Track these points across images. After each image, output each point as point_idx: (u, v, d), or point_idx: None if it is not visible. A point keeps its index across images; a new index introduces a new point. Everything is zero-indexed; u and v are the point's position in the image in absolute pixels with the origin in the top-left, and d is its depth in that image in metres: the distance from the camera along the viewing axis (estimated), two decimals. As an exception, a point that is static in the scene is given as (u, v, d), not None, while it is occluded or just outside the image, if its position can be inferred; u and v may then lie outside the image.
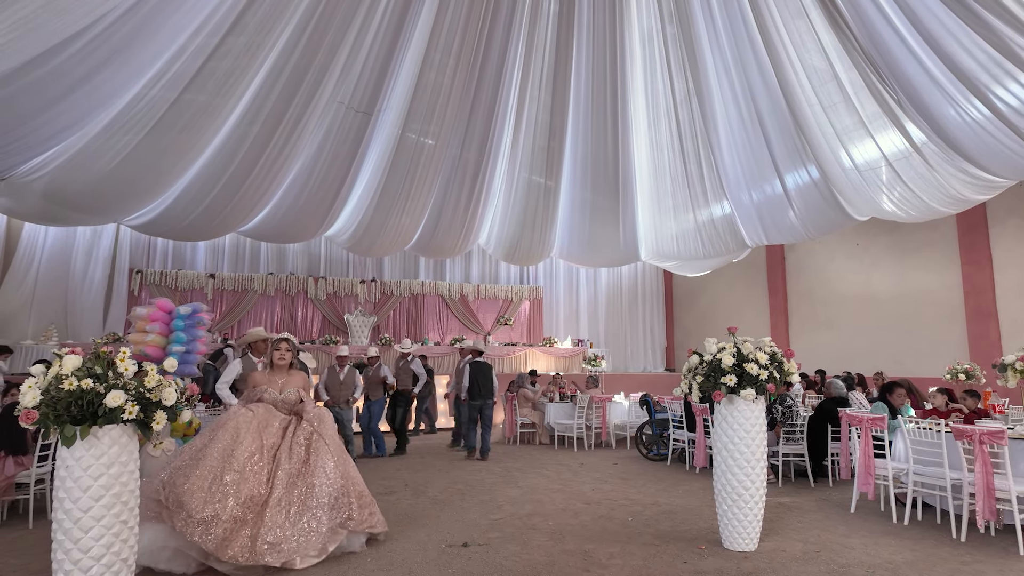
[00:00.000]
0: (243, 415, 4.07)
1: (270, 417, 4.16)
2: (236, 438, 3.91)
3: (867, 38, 5.43)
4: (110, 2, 5.38)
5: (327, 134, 8.21)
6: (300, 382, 4.58)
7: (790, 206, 8.47)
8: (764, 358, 4.19)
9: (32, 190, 7.91)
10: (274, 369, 4.56)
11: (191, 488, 3.61)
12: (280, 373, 4.55)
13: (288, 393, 4.44)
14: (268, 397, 4.36)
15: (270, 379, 4.50)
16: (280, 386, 4.46)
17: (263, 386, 4.43)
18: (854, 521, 5.11)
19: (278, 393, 4.41)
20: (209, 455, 3.80)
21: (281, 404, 4.37)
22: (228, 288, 14.19)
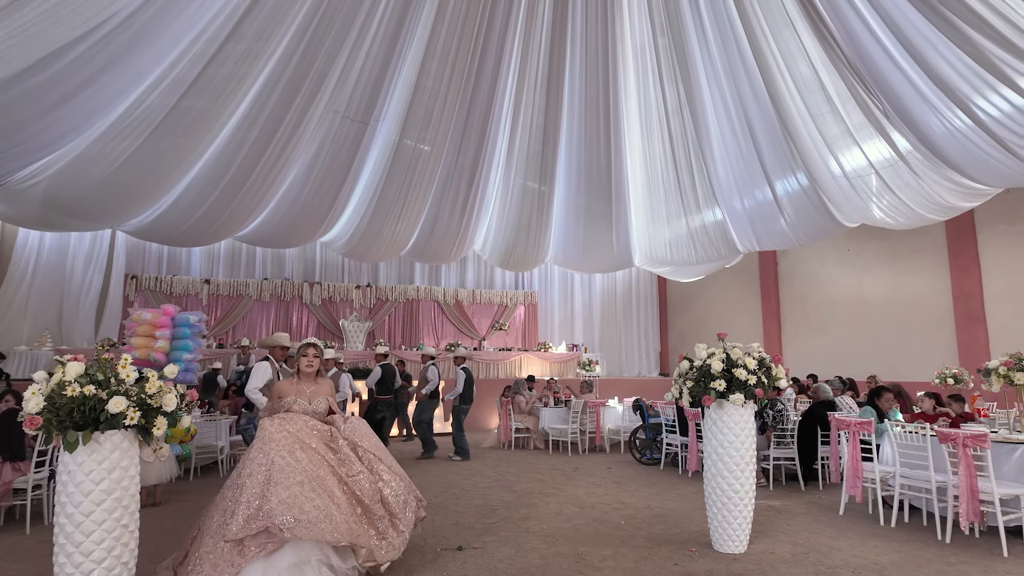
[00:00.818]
0: (277, 433, 3.70)
1: (306, 430, 3.82)
2: (292, 452, 3.62)
3: (852, 50, 5.56)
4: (107, 11, 5.44)
5: (324, 141, 8.28)
6: (328, 391, 4.22)
7: (781, 213, 8.59)
8: (752, 364, 4.28)
9: (29, 196, 7.95)
10: (301, 378, 4.18)
11: (292, 496, 3.33)
12: (308, 382, 4.16)
13: (318, 403, 4.07)
14: (298, 408, 4.00)
15: (298, 389, 4.11)
16: (308, 396, 4.09)
17: (291, 396, 4.06)
18: (842, 523, 5.20)
19: (308, 404, 4.04)
20: (280, 467, 3.48)
21: (312, 416, 4.02)
22: (223, 293, 14.22)
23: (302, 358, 4.19)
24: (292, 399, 4.03)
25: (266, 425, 3.74)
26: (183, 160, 7.55)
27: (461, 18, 7.18)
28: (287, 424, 3.77)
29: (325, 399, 4.13)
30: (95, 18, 5.49)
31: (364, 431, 4.08)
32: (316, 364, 4.20)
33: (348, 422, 4.08)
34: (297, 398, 4.04)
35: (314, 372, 4.20)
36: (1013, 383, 5.24)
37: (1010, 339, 10.47)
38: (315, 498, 3.39)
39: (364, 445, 3.95)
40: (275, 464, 3.46)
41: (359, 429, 4.06)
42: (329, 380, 4.33)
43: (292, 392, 4.08)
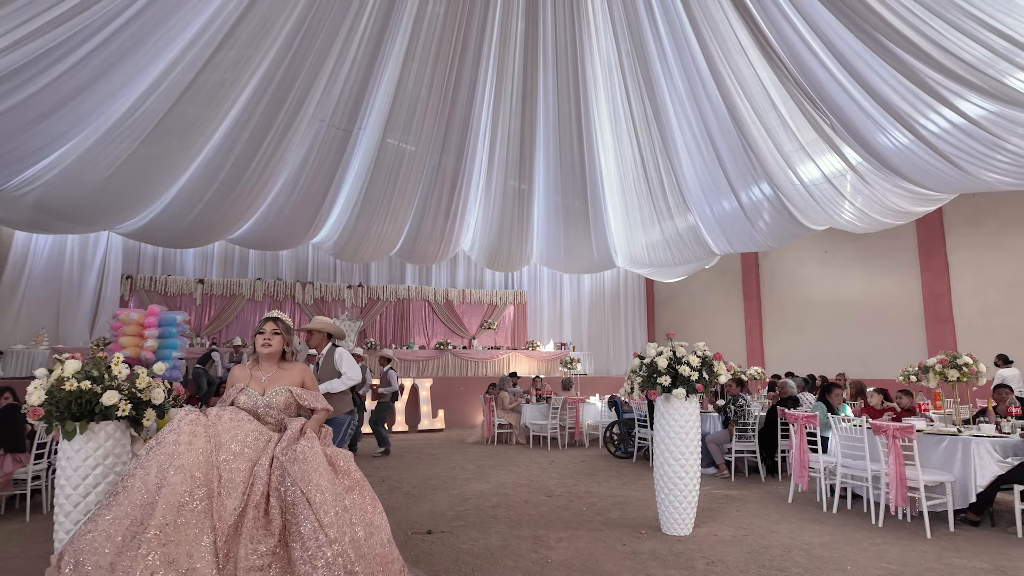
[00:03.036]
0: (186, 423, 2.69)
1: (235, 431, 2.73)
2: (169, 463, 2.52)
3: (801, 73, 5.93)
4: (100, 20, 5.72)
5: (311, 147, 8.64)
6: (295, 379, 3.20)
7: (748, 219, 8.99)
8: (696, 361, 4.65)
9: (23, 201, 8.25)
10: (259, 361, 3.22)
11: (93, 540, 2.31)
12: (267, 366, 3.20)
13: (273, 395, 3.07)
14: (244, 400, 3.03)
15: (252, 375, 3.16)
16: (264, 384, 3.11)
17: (240, 383, 3.12)
18: (788, 510, 5.58)
19: (260, 394, 3.06)
20: (130, 488, 2.47)
21: (264, 412, 3.02)
22: (217, 293, 14.53)
23: (257, 336, 3.24)
24: (239, 388, 3.10)
25: (174, 422, 2.74)
26: (176, 166, 7.89)
27: (438, 32, 7.53)
28: (199, 429, 2.70)
29: (287, 390, 3.09)
30: (88, 28, 5.82)
31: (311, 457, 2.72)
32: (276, 344, 3.21)
33: (303, 444, 2.80)
34: (247, 386, 3.09)
35: (275, 354, 3.21)
36: (947, 379, 5.63)
37: (976, 337, 10.90)
38: (166, 545, 2.28)
39: (298, 474, 2.63)
40: (130, 479, 2.50)
41: (305, 455, 2.72)
42: (303, 367, 3.30)
43: (243, 379, 3.16)
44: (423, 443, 10.74)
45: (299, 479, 2.61)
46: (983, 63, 5.00)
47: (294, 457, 2.72)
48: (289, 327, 3.35)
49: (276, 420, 3.06)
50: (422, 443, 10.75)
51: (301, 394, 3.17)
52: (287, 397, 3.12)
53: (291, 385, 3.17)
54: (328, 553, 2.43)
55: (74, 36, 5.51)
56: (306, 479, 2.62)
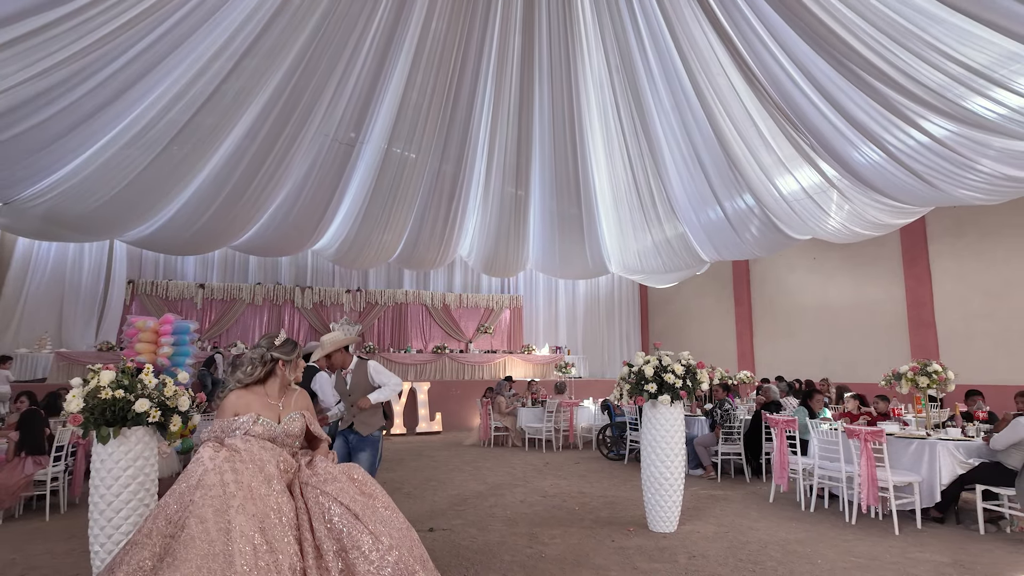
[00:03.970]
0: (223, 460, 2.48)
1: (274, 459, 2.64)
2: (225, 505, 2.32)
3: (778, 94, 6.27)
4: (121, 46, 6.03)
5: (316, 158, 8.94)
6: (303, 404, 3.04)
7: (733, 229, 9.35)
8: (680, 370, 4.98)
9: (33, 213, 8.52)
10: (268, 387, 2.96)
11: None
12: (275, 394, 2.96)
13: (290, 421, 2.88)
14: (261, 431, 2.76)
15: (264, 403, 2.89)
16: (279, 412, 2.90)
17: (254, 412, 2.81)
18: (768, 509, 5.92)
19: (277, 423, 2.84)
20: (190, 541, 2.19)
21: (283, 440, 2.83)
22: (217, 298, 14.80)
23: (285, 364, 3.00)
24: (252, 417, 2.78)
25: (205, 461, 2.47)
26: (182, 180, 8.18)
27: (440, 48, 7.86)
28: (239, 464, 2.49)
29: (301, 416, 2.94)
30: (108, 55, 6.12)
31: (344, 482, 2.68)
32: (301, 370, 3.13)
33: (323, 465, 2.77)
34: (262, 415, 2.80)
35: (291, 382, 3.06)
36: (919, 386, 5.98)
37: (957, 343, 11.29)
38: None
39: (338, 507, 2.54)
40: (185, 531, 2.23)
41: (336, 477, 2.68)
42: (304, 392, 3.12)
43: (256, 407, 2.85)
44: (421, 445, 11.04)
45: (339, 496, 2.57)
46: (943, 88, 5.36)
47: (323, 478, 2.67)
48: (301, 353, 3.17)
49: (292, 448, 2.90)
50: (420, 445, 11.04)
51: (311, 419, 3.02)
52: (302, 423, 2.95)
53: (302, 410, 3.00)
54: (391, 559, 2.42)
55: (93, 64, 5.80)
56: (345, 494, 2.59)
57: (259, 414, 2.83)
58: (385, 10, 7.00)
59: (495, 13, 7.24)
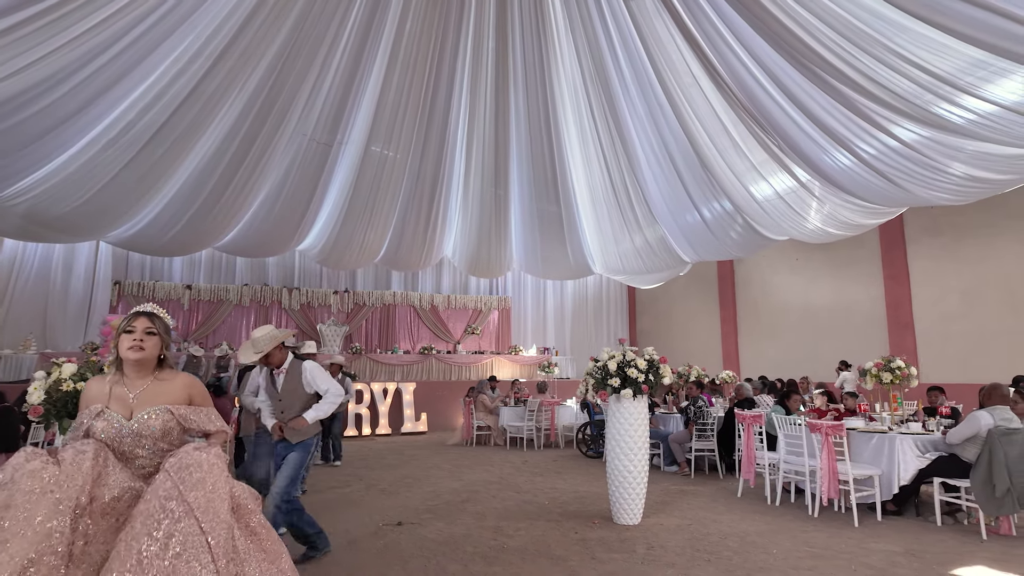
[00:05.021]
0: (24, 474, 1.86)
1: (98, 484, 1.98)
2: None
3: (748, 100, 6.38)
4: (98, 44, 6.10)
5: (294, 158, 9.01)
6: (177, 394, 2.37)
7: (710, 231, 9.48)
8: (643, 364, 5.07)
9: (13, 212, 8.55)
10: (125, 372, 2.35)
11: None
12: (136, 379, 2.34)
13: (145, 419, 2.24)
14: (102, 427, 2.19)
15: (113, 392, 2.29)
16: (132, 405, 2.27)
17: (97, 404, 2.26)
18: (735, 503, 6.01)
19: (125, 419, 2.23)
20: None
21: (132, 444, 2.20)
22: (204, 299, 14.81)
23: (123, 336, 2.33)
24: (95, 411, 2.25)
25: (8, 469, 1.89)
26: (162, 180, 8.24)
27: (414, 49, 7.95)
28: (59, 480, 1.87)
29: (165, 411, 2.28)
30: (89, 53, 6.19)
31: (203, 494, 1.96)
32: (150, 347, 2.33)
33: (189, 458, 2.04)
34: (107, 408, 2.24)
35: (147, 361, 2.35)
36: (882, 382, 6.09)
37: (934, 342, 11.44)
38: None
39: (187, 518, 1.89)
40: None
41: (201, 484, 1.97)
42: (188, 378, 2.48)
43: (102, 397, 2.29)
44: (404, 445, 11.10)
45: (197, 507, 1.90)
46: (910, 94, 5.47)
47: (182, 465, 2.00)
48: (167, 325, 2.48)
49: (150, 454, 2.20)
50: (403, 445, 11.10)
51: (186, 414, 2.33)
52: (166, 419, 2.26)
53: (172, 403, 2.33)
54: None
55: (74, 62, 5.87)
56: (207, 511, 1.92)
57: (104, 406, 2.24)
58: (360, 11, 7.08)
59: (468, 15, 7.33)
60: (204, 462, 2.04)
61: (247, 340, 4.14)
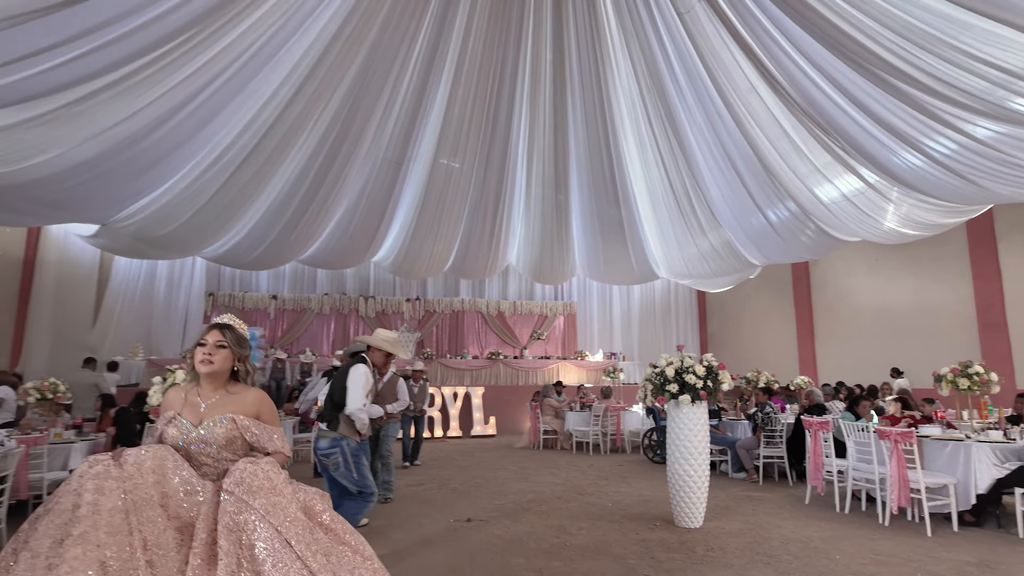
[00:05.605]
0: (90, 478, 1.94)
1: (162, 483, 2.04)
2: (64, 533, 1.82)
3: (807, 104, 6.30)
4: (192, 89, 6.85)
5: (368, 176, 9.64)
6: (247, 407, 2.40)
7: (777, 234, 9.32)
8: (701, 371, 5.17)
9: (124, 233, 9.61)
10: (201, 382, 2.43)
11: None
12: (209, 390, 2.42)
13: (210, 426, 2.29)
14: (173, 434, 2.28)
15: (187, 400, 2.38)
16: (202, 413, 2.34)
17: (173, 411, 2.36)
18: (802, 510, 5.96)
19: (193, 427, 2.29)
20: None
21: (197, 450, 2.26)
22: (288, 308, 15.86)
23: (196, 348, 2.43)
24: (171, 416, 2.34)
25: (72, 479, 1.97)
26: (251, 202, 9.03)
27: (477, 66, 8.36)
28: (108, 483, 1.94)
29: (230, 420, 2.32)
30: (192, 92, 6.95)
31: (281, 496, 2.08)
32: (219, 360, 2.40)
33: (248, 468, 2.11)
34: (179, 415, 2.33)
35: (218, 374, 2.41)
36: (959, 388, 5.87)
37: (1032, 345, 10.70)
38: None
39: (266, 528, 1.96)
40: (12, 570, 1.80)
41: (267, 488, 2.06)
42: (259, 394, 2.49)
43: (177, 405, 2.38)
44: (474, 447, 11.49)
45: (270, 515, 1.97)
46: (982, 91, 5.28)
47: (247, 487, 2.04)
48: (242, 338, 2.50)
49: (214, 462, 2.26)
50: (473, 447, 11.49)
51: (249, 426, 2.33)
52: (229, 429, 2.29)
53: (240, 414, 2.34)
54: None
55: (178, 103, 6.62)
56: (279, 514, 1.99)
57: (177, 413, 2.34)
58: (426, 34, 7.54)
59: (527, 32, 7.65)
60: (259, 471, 2.10)
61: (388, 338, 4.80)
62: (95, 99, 5.77)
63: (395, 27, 7.34)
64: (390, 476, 6.51)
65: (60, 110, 5.86)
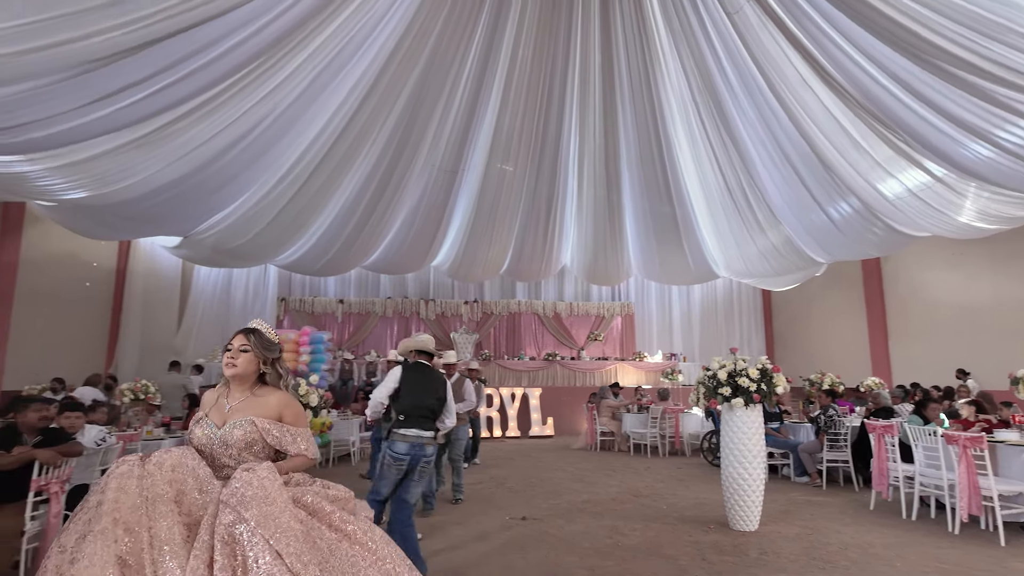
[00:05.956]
0: (114, 478, 2.05)
1: (179, 481, 2.10)
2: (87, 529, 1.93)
3: (864, 98, 6.10)
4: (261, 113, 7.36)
5: (425, 186, 10.01)
6: (270, 409, 2.43)
7: (839, 231, 9.02)
8: (755, 373, 5.14)
9: (204, 244, 10.35)
10: (230, 384, 2.51)
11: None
12: (237, 392, 2.48)
13: (231, 428, 2.32)
14: (199, 435, 2.34)
15: (217, 402, 2.46)
16: (227, 414, 2.39)
17: (204, 411, 2.45)
18: (865, 515, 5.80)
19: (216, 428, 2.34)
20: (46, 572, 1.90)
21: (220, 451, 2.30)
22: (354, 311, 16.54)
23: (224, 352, 2.52)
24: (200, 416, 2.43)
25: (102, 478, 2.10)
26: (317, 213, 9.55)
27: (527, 73, 8.54)
28: (128, 481, 2.03)
29: (249, 423, 2.34)
30: (251, 121, 7.47)
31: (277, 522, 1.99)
32: (242, 363, 2.45)
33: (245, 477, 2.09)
34: (207, 416, 2.40)
35: (243, 377, 2.47)
36: (1038, 391, 5.56)
37: None
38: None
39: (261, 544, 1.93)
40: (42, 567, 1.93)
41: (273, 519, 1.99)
42: (285, 396, 2.52)
43: (208, 406, 2.47)
44: (532, 448, 11.65)
45: (257, 523, 1.95)
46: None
47: (240, 497, 2.01)
48: (269, 342, 2.54)
49: (236, 464, 2.27)
50: (531, 448, 11.66)
51: (269, 428, 2.34)
52: (248, 431, 2.31)
53: (261, 416, 2.37)
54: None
55: (249, 126, 7.14)
56: (271, 524, 1.96)
57: (206, 414, 2.42)
58: (477, 46, 7.79)
59: (575, 38, 7.78)
60: (254, 479, 2.07)
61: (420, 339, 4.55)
62: (176, 125, 6.31)
63: (448, 41, 7.63)
64: (460, 479, 6.65)
65: (148, 136, 6.44)
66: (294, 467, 2.37)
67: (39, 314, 10.49)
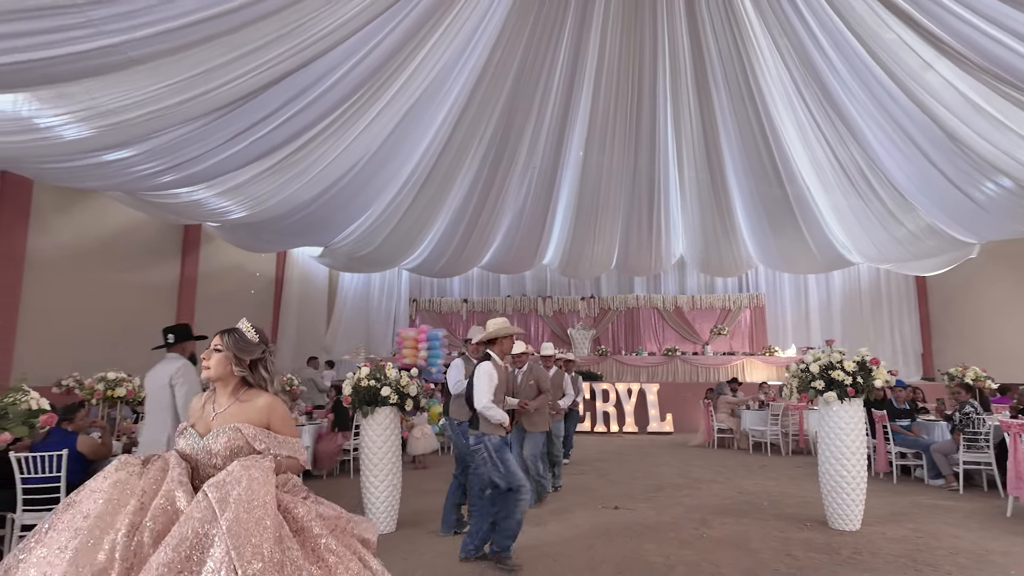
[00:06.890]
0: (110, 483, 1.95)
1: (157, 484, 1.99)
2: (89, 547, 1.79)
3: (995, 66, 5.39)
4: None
5: (528, 188, 10.46)
6: (256, 414, 2.29)
7: (987, 212, 8.01)
8: (852, 366, 4.89)
9: (341, 253, 11.64)
10: (216, 389, 2.38)
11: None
12: (222, 397, 2.35)
13: (215, 436, 2.20)
14: (183, 445, 2.23)
15: (205, 409, 2.34)
16: (210, 422, 2.27)
17: (189, 422, 2.34)
18: (996, 522, 5.24)
19: (199, 437, 2.23)
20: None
21: (204, 461, 2.18)
22: (477, 310, 17.41)
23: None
24: (183, 426, 2.32)
25: (99, 476, 2.00)
26: (432, 220, 10.39)
27: (616, 68, 8.63)
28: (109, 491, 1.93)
29: (234, 430, 2.21)
30: (363, 145, 8.34)
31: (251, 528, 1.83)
32: (215, 365, 2.33)
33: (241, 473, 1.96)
34: (191, 426, 2.30)
35: (220, 379, 2.35)
36: None
37: None
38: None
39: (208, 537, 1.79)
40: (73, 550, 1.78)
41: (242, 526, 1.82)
42: (272, 400, 2.35)
43: (195, 415, 2.36)
44: (647, 444, 11.63)
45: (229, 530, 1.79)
46: None
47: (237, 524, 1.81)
48: (246, 343, 2.36)
49: (213, 472, 2.12)
50: (646, 444, 11.64)
51: (256, 435, 2.23)
52: (232, 439, 2.19)
53: (246, 422, 2.25)
54: None
55: (366, 146, 8.03)
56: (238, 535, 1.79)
57: (192, 423, 2.30)
58: (565, 50, 8.06)
59: (661, 30, 7.76)
60: (244, 477, 1.93)
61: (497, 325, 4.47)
62: (300, 152, 7.29)
63: (537, 47, 7.98)
64: (559, 471, 6.91)
65: (280, 162, 7.50)
66: (290, 467, 2.30)
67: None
